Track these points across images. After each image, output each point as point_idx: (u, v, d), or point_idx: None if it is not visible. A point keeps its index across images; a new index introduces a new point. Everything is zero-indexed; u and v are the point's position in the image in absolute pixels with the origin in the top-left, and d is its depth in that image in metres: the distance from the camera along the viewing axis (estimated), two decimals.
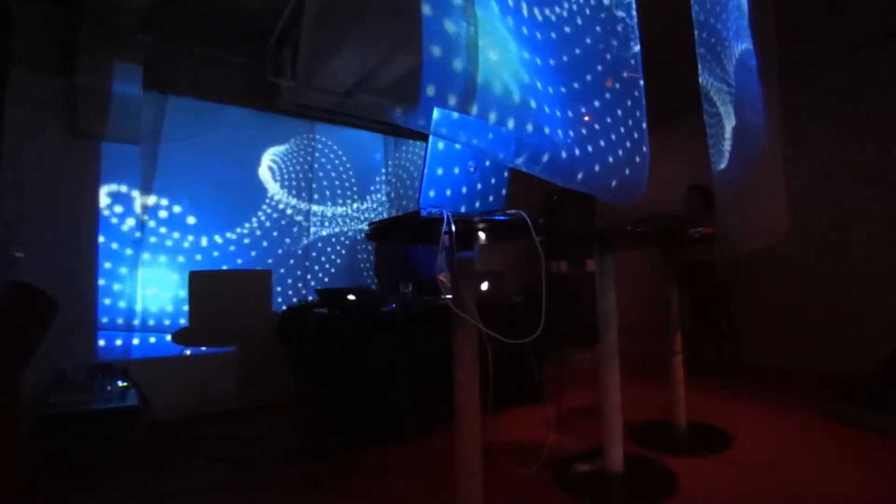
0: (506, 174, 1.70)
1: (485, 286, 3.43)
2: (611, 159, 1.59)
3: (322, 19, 3.11)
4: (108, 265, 3.50)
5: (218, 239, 3.99)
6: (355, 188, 4.90)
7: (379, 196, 5.07)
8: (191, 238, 3.87)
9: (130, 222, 3.62)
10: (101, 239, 3.48)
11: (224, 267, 3.98)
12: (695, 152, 4.07)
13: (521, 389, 3.19)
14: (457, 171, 1.55)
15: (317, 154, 4.65)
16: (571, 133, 1.47)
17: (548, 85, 1.41)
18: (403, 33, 3.24)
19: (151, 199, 3.71)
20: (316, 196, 4.60)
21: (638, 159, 1.67)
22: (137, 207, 3.65)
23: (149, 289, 3.65)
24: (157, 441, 2.88)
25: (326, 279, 4.59)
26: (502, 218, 1.50)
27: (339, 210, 4.76)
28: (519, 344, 1.43)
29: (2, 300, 2.09)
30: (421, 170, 1.45)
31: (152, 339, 3.62)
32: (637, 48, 1.69)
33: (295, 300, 4.29)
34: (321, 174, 4.67)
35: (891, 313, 3.63)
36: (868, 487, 2.00)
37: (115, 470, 2.49)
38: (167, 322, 3.68)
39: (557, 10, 1.51)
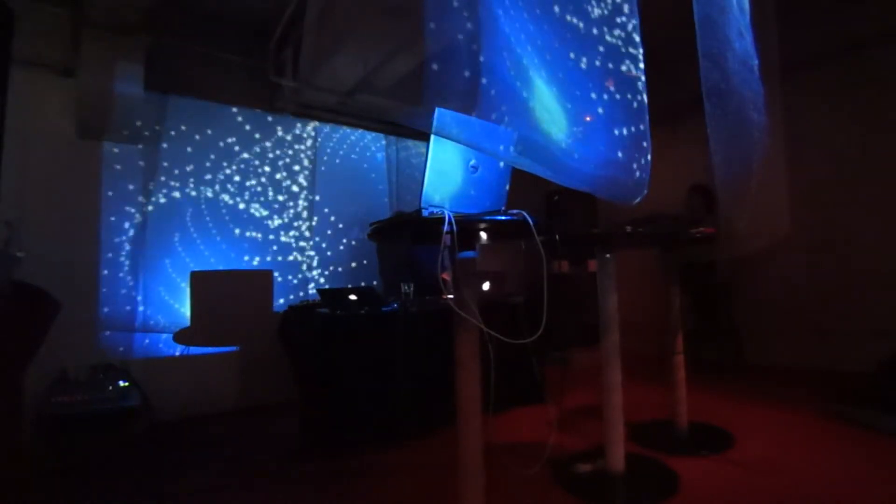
0: (507, 174, 1.70)
1: (486, 286, 3.44)
2: (612, 159, 1.59)
3: (324, 19, 3.11)
4: (109, 265, 3.50)
5: (220, 238, 3.99)
6: (357, 188, 4.90)
7: (380, 196, 5.07)
8: (192, 238, 3.87)
9: (132, 222, 3.62)
10: (102, 238, 3.48)
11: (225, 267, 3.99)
12: (696, 152, 4.06)
13: (522, 389, 3.19)
14: (459, 170, 1.55)
15: (319, 154, 4.65)
16: (573, 133, 1.46)
17: (549, 85, 1.41)
18: (405, 33, 3.25)
19: (153, 199, 3.71)
20: (318, 196, 4.60)
21: (639, 159, 1.67)
22: (139, 207, 3.66)
23: (150, 289, 3.66)
24: (157, 441, 2.88)
25: (328, 279, 4.59)
26: (504, 218, 1.50)
27: (341, 210, 4.75)
28: (520, 344, 1.43)
29: (3, 300, 2.09)
30: (423, 170, 1.45)
31: (151, 340, 3.63)
32: (639, 47, 1.69)
33: (292, 297, 4.29)
34: (323, 174, 4.66)
35: (892, 313, 3.62)
36: (870, 486, 2.00)
37: (116, 470, 2.49)
38: (168, 322, 3.69)
39: (558, 10, 1.51)
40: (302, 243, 4.46)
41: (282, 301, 4.18)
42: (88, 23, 3.20)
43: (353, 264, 4.77)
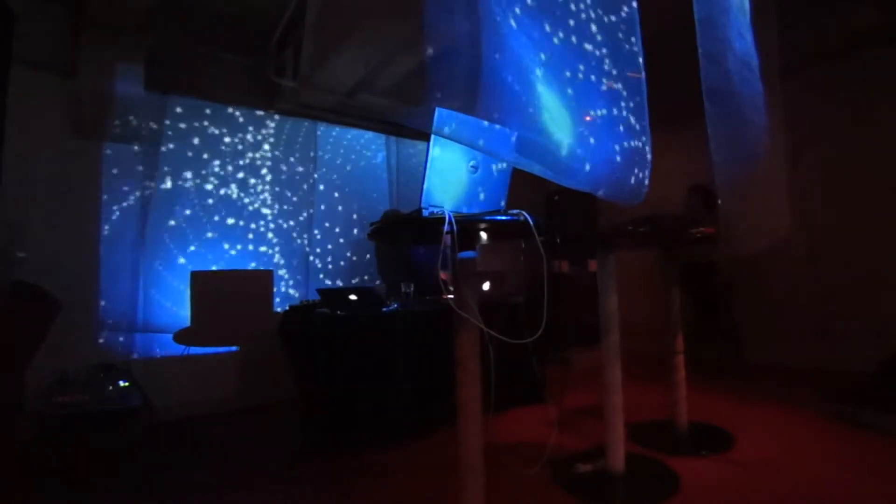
0: (508, 174, 1.70)
1: (486, 286, 3.44)
2: (612, 159, 1.59)
3: (324, 19, 3.11)
4: (109, 265, 3.50)
5: (220, 239, 3.99)
6: (357, 188, 4.90)
7: (381, 196, 5.07)
8: (192, 238, 3.87)
9: (132, 222, 3.62)
10: (102, 238, 3.48)
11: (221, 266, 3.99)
12: (696, 152, 4.05)
13: (522, 389, 3.19)
14: (459, 170, 1.55)
15: (319, 154, 4.65)
16: (573, 133, 1.46)
17: (550, 86, 1.41)
18: (406, 34, 3.25)
19: (153, 199, 3.71)
20: (318, 196, 4.60)
21: (640, 159, 1.67)
22: (139, 207, 3.66)
23: (151, 289, 3.66)
24: (158, 441, 2.88)
25: (327, 279, 4.59)
26: (504, 218, 1.50)
27: (341, 210, 4.75)
28: (520, 344, 1.43)
29: (5, 300, 2.09)
30: (423, 170, 1.45)
31: (154, 340, 3.63)
32: (639, 48, 1.69)
33: (290, 295, 4.29)
34: (323, 174, 4.66)
35: (892, 313, 3.62)
36: (870, 487, 2.00)
37: (116, 470, 2.49)
38: (169, 322, 3.68)
39: (557, 10, 1.51)
40: (301, 242, 4.45)
41: (278, 303, 4.18)
42: (88, 23, 3.20)
43: (354, 265, 4.77)
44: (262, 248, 4.21)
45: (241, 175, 4.15)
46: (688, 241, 2.46)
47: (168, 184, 3.80)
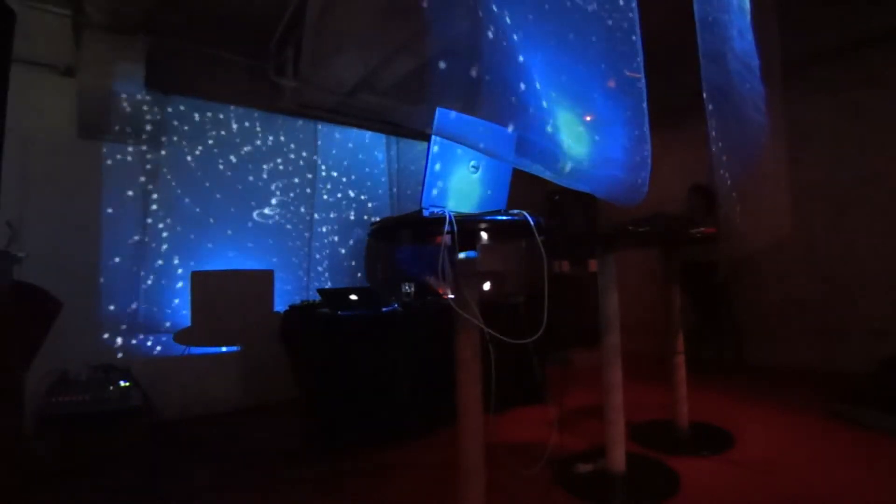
0: (508, 174, 1.70)
1: (487, 286, 3.44)
2: (613, 159, 1.59)
3: (324, 19, 3.11)
4: (110, 265, 3.50)
5: (220, 239, 3.99)
6: (357, 188, 4.90)
7: (381, 196, 5.07)
8: (193, 238, 3.87)
9: (133, 222, 3.62)
10: (103, 238, 3.48)
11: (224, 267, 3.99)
12: (696, 152, 4.05)
13: (523, 389, 3.20)
14: (459, 170, 1.55)
15: (319, 154, 4.65)
16: (573, 133, 1.46)
17: (550, 85, 1.41)
18: (406, 34, 3.25)
19: (154, 199, 3.71)
20: (318, 196, 4.60)
21: (640, 159, 1.67)
22: (140, 207, 3.66)
23: (151, 289, 3.66)
24: (158, 441, 2.89)
25: (328, 279, 4.59)
26: (504, 218, 1.50)
27: (342, 210, 4.76)
28: (521, 344, 1.43)
29: (5, 300, 2.09)
30: (423, 169, 1.45)
31: (154, 340, 3.63)
32: (639, 47, 1.69)
33: (290, 294, 4.29)
34: (323, 174, 4.67)
35: (891, 313, 3.63)
36: (870, 487, 2.00)
37: (117, 470, 2.49)
38: (169, 322, 3.69)
39: (559, 10, 1.51)
40: (302, 243, 4.45)
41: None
42: (89, 23, 3.20)
43: (352, 262, 4.77)
44: (263, 248, 4.21)
45: (241, 174, 4.15)
46: (688, 241, 2.47)
47: (168, 183, 3.79)
